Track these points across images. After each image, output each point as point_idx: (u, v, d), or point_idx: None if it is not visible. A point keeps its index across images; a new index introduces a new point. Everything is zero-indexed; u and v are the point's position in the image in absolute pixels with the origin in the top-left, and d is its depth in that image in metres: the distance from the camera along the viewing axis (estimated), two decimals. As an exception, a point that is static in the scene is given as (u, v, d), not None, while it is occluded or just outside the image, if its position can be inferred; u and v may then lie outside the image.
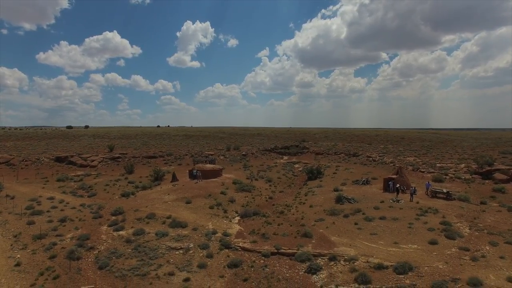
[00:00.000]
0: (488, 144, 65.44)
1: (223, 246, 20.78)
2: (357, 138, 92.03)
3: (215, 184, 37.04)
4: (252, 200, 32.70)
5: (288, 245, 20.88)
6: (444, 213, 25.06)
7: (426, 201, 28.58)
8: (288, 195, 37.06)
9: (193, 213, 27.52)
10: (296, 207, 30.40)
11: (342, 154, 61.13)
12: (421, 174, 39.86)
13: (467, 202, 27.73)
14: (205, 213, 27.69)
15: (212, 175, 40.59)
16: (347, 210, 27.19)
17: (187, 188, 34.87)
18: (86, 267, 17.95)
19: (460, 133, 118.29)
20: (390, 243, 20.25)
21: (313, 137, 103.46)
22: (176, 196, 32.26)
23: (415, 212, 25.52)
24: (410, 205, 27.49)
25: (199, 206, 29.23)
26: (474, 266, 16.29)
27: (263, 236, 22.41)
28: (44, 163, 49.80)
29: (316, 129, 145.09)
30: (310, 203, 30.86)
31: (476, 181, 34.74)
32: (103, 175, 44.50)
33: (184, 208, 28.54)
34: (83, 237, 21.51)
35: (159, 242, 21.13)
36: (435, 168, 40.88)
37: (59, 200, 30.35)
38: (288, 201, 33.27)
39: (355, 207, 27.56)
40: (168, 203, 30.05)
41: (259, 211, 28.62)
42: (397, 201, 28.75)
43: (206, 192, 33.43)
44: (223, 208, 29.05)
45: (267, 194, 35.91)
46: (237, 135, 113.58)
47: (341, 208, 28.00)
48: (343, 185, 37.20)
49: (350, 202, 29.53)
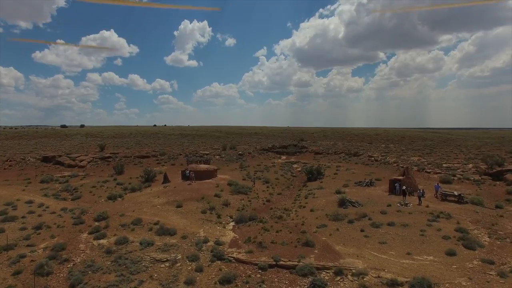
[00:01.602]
0: (492, 143, 63.59)
1: (215, 257, 18.49)
2: (356, 137, 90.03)
3: (209, 186, 34.72)
4: (248, 204, 30.42)
5: (288, 256, 18.65)
6: (458, 219, 22.94)
7: (437, 205, 26.45)
8: (287, 197, 34.83)
9: (183, 218, 25.21)
10: (295, 211, 28.19)
11: (342, 153, 58.99)
12: (427, 174, 37.77)
13: (481, 206, 25.65)
14: (196, 218, 25.38)
15: (206, 176, 38.26)
16: (352, 215, 25.00)
17: (178, 190, 32.52)
18: (56, 285, 15.60)
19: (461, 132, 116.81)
20: (402, 253, 18.08)
21: (311, 136, 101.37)
22: (166, 199, 29.91)
23: (426, 217, 23.38)
24: (420, 209, 25.35)
25: (191, 210, 26.91)
26: (504, 284, 14.13)
27: (260, 245, 20.13)
28: (30, 163, 47.20)
29: (314, 128, 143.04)
30: (310, 206, 28.65)
31: (487, 183, 32.70)
32: (91, 176, 42.01)
33: (174, 213, 26.21)
34: (58, 247, 19.13)
35: (143, 252, 18.80)
36: (441, 169, 38.82)
37: (38, 204, 27.89)
38: (287, 204, 31.05)
39: (360, 212, 25.36)
40: (157, 207, 27.70)
41: (255, 216, 26.35)
42: (405, 204, 26.59)
43: (199, 194, 31.11)
44: (216, 213, 26.75)
45: (265, 197, 33.64)
46: (234, 134, 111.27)
47: (345, 212, 25.81)
48: (345, 187, 35.02)
49: (355, 205, 27.35)
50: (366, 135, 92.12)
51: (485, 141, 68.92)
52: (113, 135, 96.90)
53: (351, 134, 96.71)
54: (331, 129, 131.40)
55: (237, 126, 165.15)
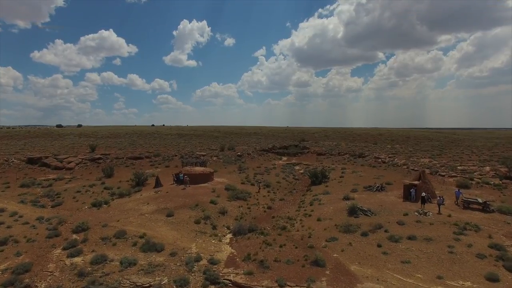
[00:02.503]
0: (503, 144, 60.76)
1: (208, 280, 15.53)
2: (359, 137, 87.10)
3: (204, 191, 31.71)
4: (247, 211, 27.44)
5: (294, 279, 15.70)
6: (488, 231, 20.00)
7: (459, 214, 23.53)
8: (290, 203, 31.85)
9: (174, 230, 22.19)
10: (300, 220, 25.21)
11: (347, 154, 56.01)
12: (441, 178, 34.84)
13: (511, 216, 22.69)
14: (189, 229, 22.36)
15: (201, 180, 35.23)
16: (365, 226, 22.05)
17: (170, 196, 29.49)
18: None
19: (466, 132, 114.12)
20: (432, 277, 15.14)
21: (312, 136, 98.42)
22: (156, 206, 26.87)
23: (451, 230, 20.43)
24: (441, 219, 22.39)
25: (183, 220, 23.89)
26: None
27: (262, 264, 17.17)
28: (14, 165, 44.06)
29: (315, 128, 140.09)
30: (317, 215, 25.67)
31: (509, 187, 29.80)
32: (78, 179, 38.93)
33: (163, 223, 23.18)
34: (21, 269, 16.11)
35: (122, 275, 15.78)
36: (456, 172, 35.90)
37: (11, 213, 24.79)
38: (290, 212, 28.07)
39: (374, 222, 22.42)
40: (145, 215, 24.66)
41: (256, 226, 23.36)
42: (424, 213, 23.64)
43: (193, 201, 28.09)
44: (211, 223, 23.75)
45: (265, 203, 30.66)
46: (232, 134, 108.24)
47: (356, 222, 22.85)
48: (354, 192, 32.06)
49: (367, 214, 24.38)
50: (369, 135, 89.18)
51: (494, 142, 66.09)
52: (107, 135, 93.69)
53: (354, 134, 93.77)
54: (332, 129, 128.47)
55: (236, 126, 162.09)
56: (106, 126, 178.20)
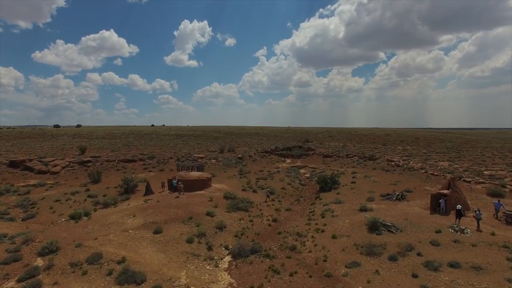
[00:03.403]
0: (523, 145, 56.79)
1: (198, 331, 11.72)
2: (365, 138, 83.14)
3: (200, 200, 27.89)
4: (249, 225, 23.59)
5: (312, 328, 11.90)
6: (550, 257, 16.11)
7: (505, 231, 19.65)
8: (298, 214, 27.99)
9: (160, 251, 18.37)
10: (312, 237, 21.35)
11: (356, 157, 52.09)
12: (467, 185, 30.94)
13: None
14: (179, 251, 18.53)
15: (197, 187, 31.41)
16: (392, 247, 18.22)
17: (161, 206, 25.66)
18: None
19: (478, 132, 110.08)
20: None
21: (316, 137, 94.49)
22: (143, 219, 23.05)
23: (501, 254, 16.57)
24: (485, 239, 18.52)
25: (173, 238, 20.06)
26: None
27: (269, 304, 13.37)
28: (-7, 169, 40.28)
29: (318, 129, 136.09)
30: (331, 230, 21.82)
31: (551, 197, 25.91)
32: (61, 185, 35.13)
33: (149, 243, 19.36)
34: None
35: (85, 322, 11.98)
36: (483, 177, 32.00)
37: (-31, 229, 21.02)
38: (299, 225, 24.19)
39: (403, 241, 18.57)
40: (129, 232, 20.85)
41: (259, 246, 19.51)
42: (461, 231, 19.76)
43: (186, 212, 24.27)
44: (207, 242, 19.91)
45: (270, 214, 26.82)
46: (233, 134, 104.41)
47: (380, 241, 19.02)
48: (370, 201, 28.20)
49: (391, 231, 20.53)
50: (375, 136, 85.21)
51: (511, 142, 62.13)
52: (103, 135, 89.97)
53: (359, 135, 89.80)
54: (336, 129, 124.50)
55: (237, 126, 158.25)
56: (104, 126, 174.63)
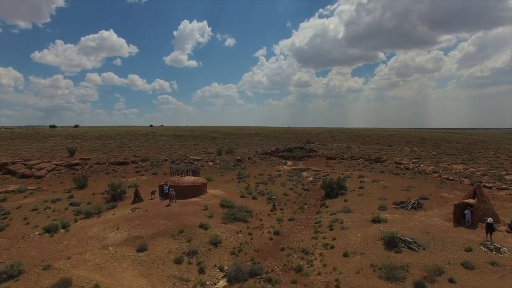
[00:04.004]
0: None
1: None
2: (369, 138, 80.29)
3: (193, 209, 25.06)
4: (248, 240, 20.75)
5: None
6: None
7: (547, 250, 16.83)
8: (303, 225, 25.15)
9: (142, 275, 15.52)
10: (320, 254, 18.50)
11: (361, 159, 49.29)
12: (488, 191, 28.13)
13: None
14: (164, 275, 15.68)
15: (191, 193, 28.56)
16: (416, 269, 15.40)
17: (149, 217, 22.80)
18: None
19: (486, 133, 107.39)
20: None
21: (317, 137, 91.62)
22: (127, 233, 20.20)
23: (552, 281, 13.75)
24: (526, 260, 15.70)
25: (158, 257, 17.20)
26: None
27: None
28: (-27, 172, 37.41)
29: (319, 129, 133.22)
30: (342, 246, 18.98)
31: None
32: (42, 191, 32.25)
33: (130, 264, 16.50)
34: None
35: None
36: (505, 182, 29.22)
37: None
38: (305, 239, 21.33)
39: (428, 262, 15.76)
40: (108, 249, 17.99)
41: (259, 267, 16.69)
42: (496, 249, 16.94)
43: (177, 224, 21.42)
44: (198, 262, 17.07)
45: (271, 225, 23.98)
46: (232, 135, 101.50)
47: (401, 261, 16.20)
48: (383, 210, 25.40)
49: (412, 247, 17.71)
50: (379, 136, 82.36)
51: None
52: (97, 136, 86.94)
53: (362, 135, 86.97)
54: (338, 129, 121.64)
55: (236, 127, 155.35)
56: (100, 127, 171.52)
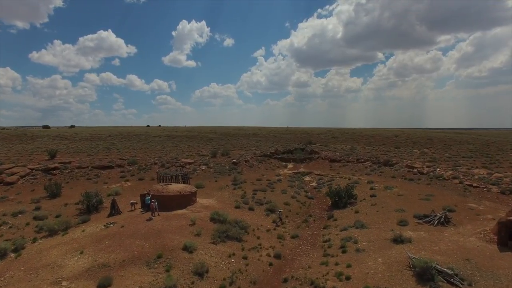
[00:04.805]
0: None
1: None
2: (373, 139, 76.43)
3: (178, 224, 21.00)
4: (242, 267, 16.70)
5: None
6: None
7: None
8: (308, 244, 21.12)
9: (97, 329, 11.44)
10: (334, 289, 14.48)
11: (368, 161, 45.34)
12: (522, 201, 24.22)
13: None
14: (127, 328, 11.61)
15: (178, 204, 24.51)
16: (468, 319, 11.40)
17: (123, 236, 18.72)
18: None
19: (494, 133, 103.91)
20: None
21: (318, 138, 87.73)
22: (92, 258, 16.14)
23: None
24: None
25: (123, 298, 13.13)
26: None
27: None
28: None
29: (319, 129, 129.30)
30: (360, 277, 14.96)
31: None
32: (6, 201, 28.10)
33: (84, 309, 12.43)
34: None
35: None
36: (541, 191, 25.27)
37: None
38: (312, 265, 17.29)
39: (482, 308, 11.77)
40: (60, 286, 13.91)
41: (257, 313, 12.64)
42: None
43: (156, 245, 17.37)
44: (176, 304, 13.01)
45: (271, 245, 19.95)
46: (229, 135, 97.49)
47: (444, 305, 12.20)
48: (403, 225, 21.39)
49: (454, 283, 13.74)
50: (383, 137, 78.48)
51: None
52: (87, 137, 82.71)
53: (365, 136, 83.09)
54: (338, 129, 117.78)
55: (234, 127, 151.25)
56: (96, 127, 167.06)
